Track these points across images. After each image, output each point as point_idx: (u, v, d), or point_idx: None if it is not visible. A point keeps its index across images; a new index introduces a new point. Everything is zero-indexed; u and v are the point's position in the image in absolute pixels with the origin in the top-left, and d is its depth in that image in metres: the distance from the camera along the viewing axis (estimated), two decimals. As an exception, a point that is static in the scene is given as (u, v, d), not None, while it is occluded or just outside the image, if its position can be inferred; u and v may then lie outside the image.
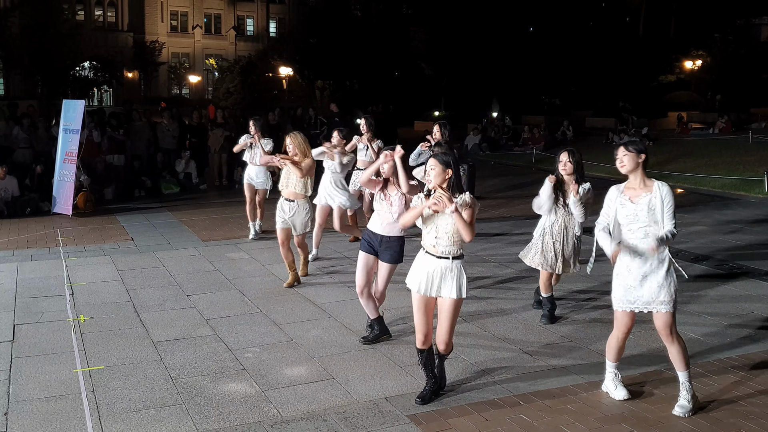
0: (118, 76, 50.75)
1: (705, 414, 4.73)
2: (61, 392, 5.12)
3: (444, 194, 4.62)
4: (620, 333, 4.89)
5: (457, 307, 4.85)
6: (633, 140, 4.90)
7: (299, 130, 8.12)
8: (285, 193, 7.73)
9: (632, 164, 4.66)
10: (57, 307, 7.11)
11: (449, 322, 4.86)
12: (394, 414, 4.76)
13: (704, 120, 33.84)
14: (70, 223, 11.70)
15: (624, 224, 4.71)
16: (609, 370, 5.05)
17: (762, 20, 53.66)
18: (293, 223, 7.71)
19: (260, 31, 60.81)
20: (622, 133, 26.47)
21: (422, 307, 4.89)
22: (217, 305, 7.19)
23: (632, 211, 4.66)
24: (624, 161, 4.68)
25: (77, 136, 12.54)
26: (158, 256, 9.33)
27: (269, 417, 4.74)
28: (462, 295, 4.80)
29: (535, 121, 30.41)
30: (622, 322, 4.85)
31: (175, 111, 17.78)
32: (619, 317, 4.85)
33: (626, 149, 4.70)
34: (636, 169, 4.67)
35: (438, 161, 4.78)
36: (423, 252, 4.87)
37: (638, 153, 4.66)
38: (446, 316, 4.84)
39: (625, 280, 4.73)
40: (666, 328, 4.67)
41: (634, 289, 4.70)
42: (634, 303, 4.73)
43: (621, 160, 4.69)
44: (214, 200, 14.45)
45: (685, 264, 8.85)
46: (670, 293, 4.65)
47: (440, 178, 4.75)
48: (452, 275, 4.77)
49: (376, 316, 6.06)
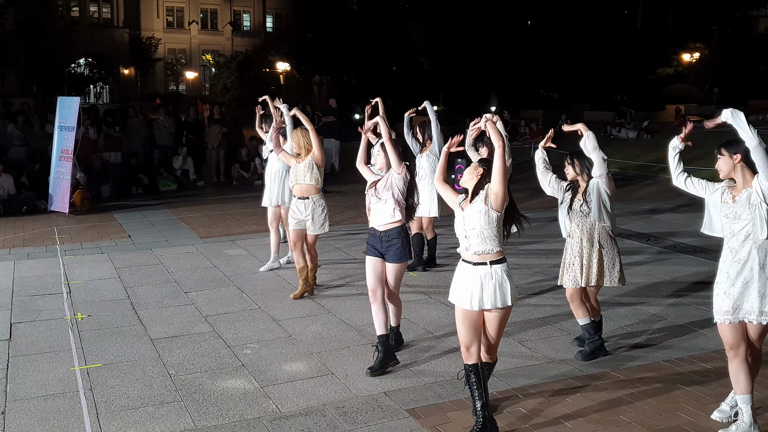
0: (114, 73, 50.64)
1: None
2: (58, 390, 5.10)
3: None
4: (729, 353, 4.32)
5: (503, 317, 4.35)
6: (731, 140, 4.37)
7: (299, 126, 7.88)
8: (296, 190, 7.27)
9: (727, 168, 4.34)
10: (54, 305, 7.09)
11: (496, 333, 4.41)
12: (393, 408, 4.75)
13: (702, 113, 33.84)
14: (67, 221, 11.67)
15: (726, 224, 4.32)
16: (739, 405, 4.33)
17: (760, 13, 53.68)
18: (308, 221, 7.20)
19: (257, 26, 60.73)
20: (621, 126, 26.50)
21: (465, 321, 4.34)
22: (215, 302, 7.18)
23: (732, 210, 4.27)
24: (719, 166, 4.37)
25: (73, 133, 12.49)
26: (156, 253, 9.31)
27: (268, 413, 4.73)
28: (507, 303, 4.28)
29: (533, 115, 30.43)
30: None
31: (172, 108, 17.74)
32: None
33: (719, 152, 4.38)
34: (733, 171, 4.32)
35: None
36: (461, 261, 4.38)
37: (731, 154, 4.30)
38: (492, 327, 4.38)
39: (724, 288, 4.28)
40: (761, 340, 4.33)
41: (733, 298, 4.23)
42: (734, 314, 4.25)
43: (717, 166, 4.39)
44: (211, 197, 14.42)
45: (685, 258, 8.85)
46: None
47: (472, 175, 4.37)
48: (493, 283, 4.23)
49: (383, 332, 5.45)
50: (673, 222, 11.17)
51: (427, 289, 7.51)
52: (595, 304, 5.69)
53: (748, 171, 4.24)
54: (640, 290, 7.46)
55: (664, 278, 7.96)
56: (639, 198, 13.47)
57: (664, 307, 6.93)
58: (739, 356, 4.24)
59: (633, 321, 6.53)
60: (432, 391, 5.02)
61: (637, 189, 14.63)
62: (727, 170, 4.31)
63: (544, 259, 8.67)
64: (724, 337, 4.30)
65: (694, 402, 4.81)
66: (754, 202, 4.17)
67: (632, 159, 18.17)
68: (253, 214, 11.24)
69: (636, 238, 9.95)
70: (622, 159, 18.26)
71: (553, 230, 9.37)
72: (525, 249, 9.12)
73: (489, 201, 4.24)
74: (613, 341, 5.96)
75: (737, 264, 4.23)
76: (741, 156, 4.24)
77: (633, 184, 15.23)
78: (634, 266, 8.29)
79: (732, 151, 4.27)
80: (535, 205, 12.09)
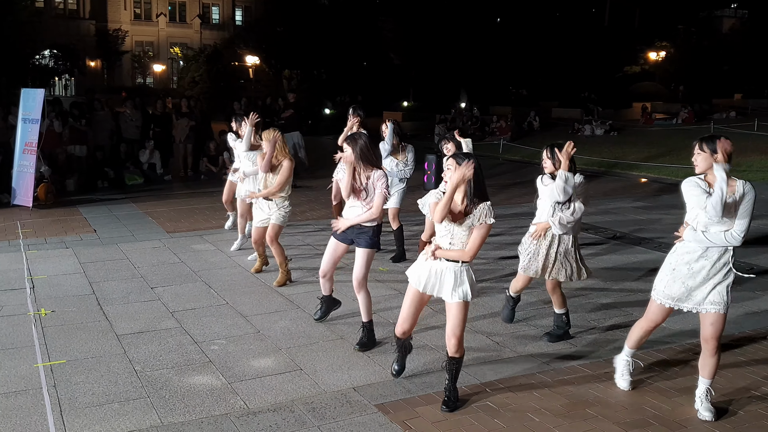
0: (79, 65, 49.83)
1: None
2: (21, 387, 5.01)
3: (431, 248, 4.57)
4: (649, 324, 4.77)
5: (461, 310, 4.56)
6: (711, 135, 4.44)
7: (271, 122, 7.91)
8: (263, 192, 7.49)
9: (706, 165, 4.36)
10: (17, 300, 6.95)
11: (454, 323, 4.59)
12: (362, 403, 4.75)
13: (668, 110, 34.41)
14: (31, 215, 11.46)
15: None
16: (623, 356, 4.99)
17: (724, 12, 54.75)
18: (272, 217, 7.48)
19: (226, 19, 60.19)
20: (588, 124, 26.83)
21: (413, 300, 4.75)
22: (182, 297, 7.10)
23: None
24: (697, 161, 4.41)
25: (37, 125, 12.26)
26: (122, 248, 9.19)
27: (236, 409, 4.70)
28: (467, 298, 4.56)
29: (502, 112, 30.63)
30: (659, 314, 4.71)
31: (139, 100, 17.49)
32: (656, 309, 4.70)
33: (699, 147, 4.39)
34: (710, 169, 4.35)
35: (457, 162, 4.45)
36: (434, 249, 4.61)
37: (712, 152, 4.33)
38: (451, 318, 4.60)
39: (681, 276, 4.50)
40: (715, 331, 4.46)
41: (687, 288, 4.49)
42: (681, 301, 4.52)
43: (694, 159, 4.43)
44: (179, 191, 14.27)
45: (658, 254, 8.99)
46: (722, 295, 4.42)
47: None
48: (456, 278, 4.53)
49: (328, 293, 6.21)
50: (638, 218, 11.32)
51: (398, 284, 7.51)
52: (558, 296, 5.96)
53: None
54: (605, 284, 7.56)
55: (627, 272, 8.06)
56: (605, 194, 13.63)
57: (627, 300, 7.02)
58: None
59: (598, 315, 6.61)
60: (401, 386, 5.03)
61: (603, 185, 14.80)
62: (705, 167, 4.35)
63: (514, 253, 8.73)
64: (655, 314, 4.70)
65: (659, 395, 4.89)
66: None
67: (599, 156, 18.37)
68: (221, 209, 11.13)
69: (602, 233, 10.07)
70: (588, 156, 18.46)
71: (522, 223, 9.52)
72: (494, 243, 9.17)
73: (474, 225, 4.48)
74: (579, 336, 6.03)
75: (700, 258, 4.42)
76: (721, 154, 4.32)
77: (599, 181, 15.40)
78: (595, 259, 8.39)
79: (712, 150, 4.31)
80: (504, 201, 12.17)
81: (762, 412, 4.66)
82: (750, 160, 17.24)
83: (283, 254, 7.54)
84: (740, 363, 5.47)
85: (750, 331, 6.18)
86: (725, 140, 4.32)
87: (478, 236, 4.47)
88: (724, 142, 4.31)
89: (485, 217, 4.46)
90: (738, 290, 7.29)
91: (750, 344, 5.89)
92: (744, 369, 5.36)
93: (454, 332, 4.60)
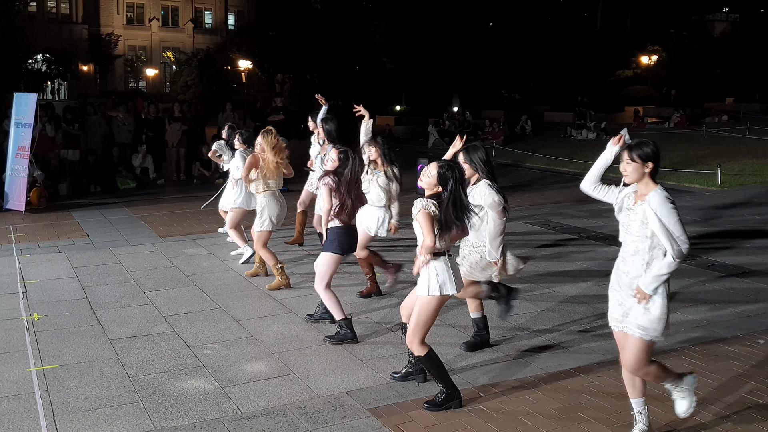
0: (72, 70, 49.69)
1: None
2: (13, 392, 5.00)
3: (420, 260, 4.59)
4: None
5: (422, 305, 4.60)
6: (640, 141, 4.11)
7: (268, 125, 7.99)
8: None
9: (637, 175, 4.04)
10: (9, 305, 6.94)
11: (413, 318, 4.66)
12: (355, 408, 4.76)
13: (660, 114, 34.57)
14: (23, 219, 11.43)
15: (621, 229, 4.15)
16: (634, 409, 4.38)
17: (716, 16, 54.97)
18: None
19: (219, 23, 60.16)
20: (581, 128, 26.89)
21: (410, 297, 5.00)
22: (175, 302, 7.10)
23: (628, 217, 4.09)
24: (626, 170, 4.06)
25: (30, 130, 12.24)
26: (114, 252, 9.18)
27: (229, 413, 4.70)
28: (426, 293, 4.56)
29: (495, 116, 30.69)
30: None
31: (132, 105, 17.48)
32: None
33: (631, 157, 4.03)
34: (641, 179, 4.06)
35: (437, 173, 4.51)
36: None
37: (644, 161, 4.01)
38: (414, 311, 4.69)
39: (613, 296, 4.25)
40: (634, 357, 4.12)
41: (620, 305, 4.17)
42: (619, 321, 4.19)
43: (624, 169, 4.08)
44: (171, 195, 14.26)
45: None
46: (651, 321, 4.03)
47: (430, 189, 4.58)
48: (425, 272, 4.58)
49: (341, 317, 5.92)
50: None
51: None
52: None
53: (651, 180, 4.03)
54: (598, 288, 7.57)
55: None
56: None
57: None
58: None
59: (590, 319, 6.63)
60: (394, 390, 5.03)
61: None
62: (636, 177, 4.04)
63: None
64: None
65: (651, 399, 4.88)
66: (645, 221, 3.97)
67: (591, 160, 18.38)
68: (214, 213, 11.11)
69: (593, 237, 10.11)
70: (581, 160, 18.51)
71: (516, 227, 9.57)
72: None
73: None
74: (573, 338, 6.05)
75: (623, 275, 4.13)
76: (652, 165, 4.01)
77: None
78: (590, 262, 8.43)
79: (644, 159, 4.00)
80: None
81: (755, 416, 4.68)
82: (742, 163, 17.33)
83: (275, 259, 7.53)
84: (733, 367, 5.50)
85: (742, 335, 6.20)
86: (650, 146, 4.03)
87: (419, 226, 4.51)
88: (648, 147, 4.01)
89: (416, 210, 4.51)
90: (730, 293, 7.33)
91: (743, 347, 5.91)
92: (736, 372, 5.38)
93: (410, 328, 4.72)
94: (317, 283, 5.94)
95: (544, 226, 10.79)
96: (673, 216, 3.87)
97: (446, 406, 4.69)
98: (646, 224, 3.94)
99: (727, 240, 9.81)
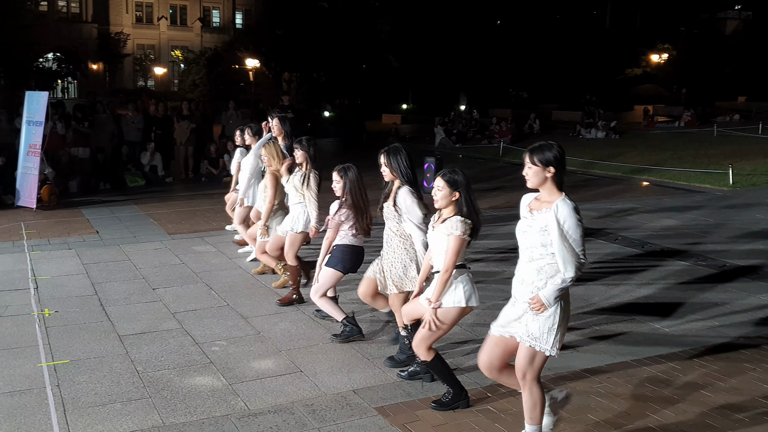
0: (82, 68, 49.96)
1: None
2: (25, 387, 5.05)
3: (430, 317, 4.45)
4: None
5: (443, 314, 4.47)
6: (542, 144, 3.87)
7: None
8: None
9: (537, 180, 3.84)
10: (21, 300, 7.00)
11: (425, 326, 4.51)
12: (362, 406, 4.78)
13: (670, 113, 34.42)
14: (34, 216, 11.51)
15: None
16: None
17: (727, 14, 54.59)
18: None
19: (226, 22, 60.26)
20: (590, 126, 26.82)
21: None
22: (183, 299, 7.14)
23: (526, 224, 3.90)
24: (528, 175, 3.84)
25: (41, 128, 12.33)
26: (124, 249, 9.23)
27: (237, 410, 4.73)
28: (452, 304, 4.44)
29: (502, 114, 30.67)
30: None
31: (140, 103, 17.56)
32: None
33: (532, 161, 3.82)
34: (543, 184, 3.85)
35: (445, 181, 4.38)
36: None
37: (545, 165, 3.79)
38: (427, 319, 4.53)
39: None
40: (525, 367, 3.94)
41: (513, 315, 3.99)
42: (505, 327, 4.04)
43: (525, 173, 3.86)
44: (180, 193, 14.31)
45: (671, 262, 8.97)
46: (542, 330, 3.84)
47: (446, 200, 4.40)
48: (453, 282, 4.45)
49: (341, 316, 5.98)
50: (641, 222, 11.33)
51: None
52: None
53: (555, 186, 3.81)
54: (608, 289, 7.56)
55: (631, 275, 8.07)
56: (606, 197, 13.63)
57: (631, 302, 7.03)
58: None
59: (598, 319, 6.62)
60: (401, 389, 5.05)
61: (604, 189, 14.81)
62: (537, 182, 3.81)
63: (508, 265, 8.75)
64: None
65: (663, 402, 4.87)
66: (545, 229, 3.76)
67: (600, 159, 18.37)
68: (222, 211, 11.15)
69: (604, 238, 10.09)
70: (590, 159, 18.50)
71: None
72: (499, 248, 9.20)
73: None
74: (581, 339, 6.05)
75: (519, 284, 3.96)
76: (554, 169, 3.79)
77: (598, 185, 15.42)
78: (601, 265, 8.42)
79: (545, 163, 3.78)
80: (504, 204, 12.19)
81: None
82: (754, 163, 17.24)
83: (276, 260, 7.51)
84: (746, 370, 5.46)
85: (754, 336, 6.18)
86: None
87: (440, 242, 4.47)
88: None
89: (455, 231, 4.38)
90: (740, 293, 7.32)
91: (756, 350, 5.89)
92: (750, 376, 5.36)
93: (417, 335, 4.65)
94: (313, 293, 6.00)
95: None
96: (578, 230, 3.69)
97: (453, 406, 4.70)
98: (546, 232, 3.74)
99: (738, 241, 9.77)
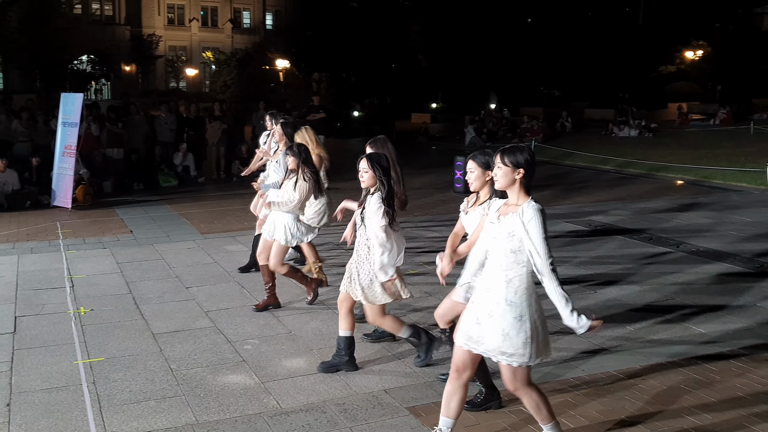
0: (115, 70, 50.66)
1: None
2: (62, 383, 5.13)
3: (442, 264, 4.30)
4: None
5: None
6: (514, 146, 3.78)
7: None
8: None
9: (506, 180, 3.71)
10: (57, 299, 7.12)
11: None
12: (393, 406, 4.77)
13: (705, 111, 33.81)
14: (70, 216, 11.71)
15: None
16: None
17: (764, 9, 53.37)
18: None
19: (257, 23, 60.62)
20: (623, 124, 26.47)
21: None
22: (216, 297, 7.20)
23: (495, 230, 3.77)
24: (497, 176, 3.74)
25: (76, 129, 12.54)
26: (157, 248, 9.34)
27: (269, 408, 4.75)
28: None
29: (533, 113, 30.39)
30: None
31: (173, 104, 17.77)
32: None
33: (502, 161, 3.70)
34: (512, 186, 3.72)
35: (477, 163, 4.37)
36: None
37: (515, 167, 3.67)
38: None
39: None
40: (510, 382, 3.85)
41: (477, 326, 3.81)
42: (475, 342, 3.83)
43: (495, 173, 3.76)
44: (212, 193, 14.45)
45: (703, 260, 8.85)
46: (516, 347, 3.70)
47: (480, 181, 4.42)
48: None
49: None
50: (676, 221, 11.17)
51: (429, 286, 7.51)
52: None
53: (523, 190, 3.69)
54: (643, 291, 7.47)
55: (665, 276, 7.95)
56: (640, 196, 13.46)
57: (661, 304, 6.93)
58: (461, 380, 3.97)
59: (632, 321, 6.52)
60: (432, 389, 5.03)
61: (638, 187, 14.62)
62: (506, 183, 3.69)
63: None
64: (455, 356, 3.96)
65: (700, 404, 4.75)
66: (512, 233, 3.65)
67: (633, 157, 18.11)
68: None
69: (638, 237, 9.96)
70: (622, 157, 18.27)
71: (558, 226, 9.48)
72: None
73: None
74: (615, 341, 5.98)
75: (485, 291, 3.80)
76: (524, 172, 3.67)
77: (632, 184, 15.22)
78: (636, 266, 8.31)
79: (515, 165, 3.66)
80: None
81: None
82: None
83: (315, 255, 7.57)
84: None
85: None
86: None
87: (472, 224, 4.52)
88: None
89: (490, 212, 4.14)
90: (753, 294, 7.18)
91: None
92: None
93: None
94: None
95: (586, 226, 10.67)
96: (540, 233, 3.56)
97: (486, 407, 4.67)
98: (513, 237, 3.64)
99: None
